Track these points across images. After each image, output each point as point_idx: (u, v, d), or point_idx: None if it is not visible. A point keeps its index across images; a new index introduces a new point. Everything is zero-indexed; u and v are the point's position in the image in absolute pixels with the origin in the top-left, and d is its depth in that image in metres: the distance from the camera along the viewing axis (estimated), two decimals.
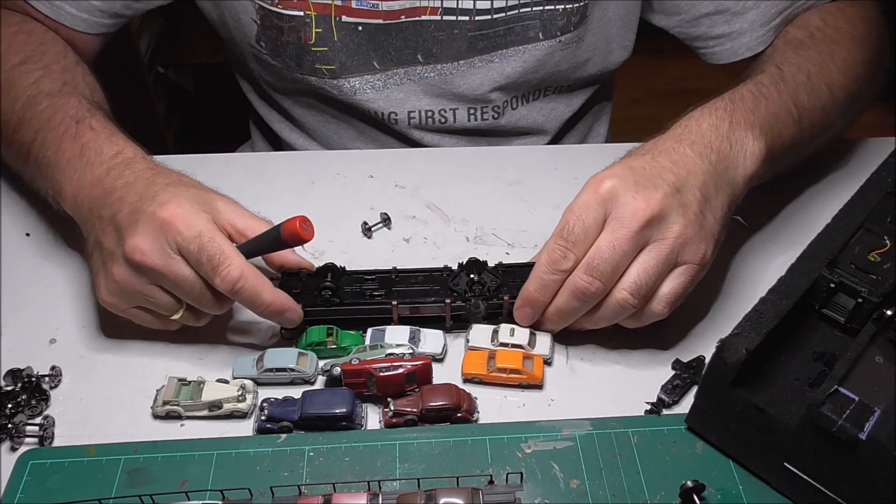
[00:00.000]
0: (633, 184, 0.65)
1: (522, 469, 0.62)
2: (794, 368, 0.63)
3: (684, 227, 0.64)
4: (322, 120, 1.01)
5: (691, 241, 0.65)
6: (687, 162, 0.67)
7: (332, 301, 0.71)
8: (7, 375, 0.68)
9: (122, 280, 0.66)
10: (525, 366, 0.68)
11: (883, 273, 0.63)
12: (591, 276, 0.64)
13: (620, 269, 0.64)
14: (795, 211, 0.85)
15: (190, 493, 0.60)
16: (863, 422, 0.53)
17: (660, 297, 0.66)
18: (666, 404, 0.67)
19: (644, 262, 0.64)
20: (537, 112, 1.01)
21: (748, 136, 0.70)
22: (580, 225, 0.64)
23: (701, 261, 0.66)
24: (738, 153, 0.70)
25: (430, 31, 0.90)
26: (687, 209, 0.65)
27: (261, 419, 0.65)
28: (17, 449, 0.64)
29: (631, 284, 0.64)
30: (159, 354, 0.72)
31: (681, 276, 0.66)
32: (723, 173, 0.68)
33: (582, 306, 0.66)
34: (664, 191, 0.65)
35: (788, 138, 0.75)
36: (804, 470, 0.58)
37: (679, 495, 0.59)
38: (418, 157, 0.94)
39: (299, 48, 0.91)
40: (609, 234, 0.64)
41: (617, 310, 0.66)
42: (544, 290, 0.67)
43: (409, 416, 0.65)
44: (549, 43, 0.92)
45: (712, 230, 0.67)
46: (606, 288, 0.65)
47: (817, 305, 0.66)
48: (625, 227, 0.63)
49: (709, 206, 0.67)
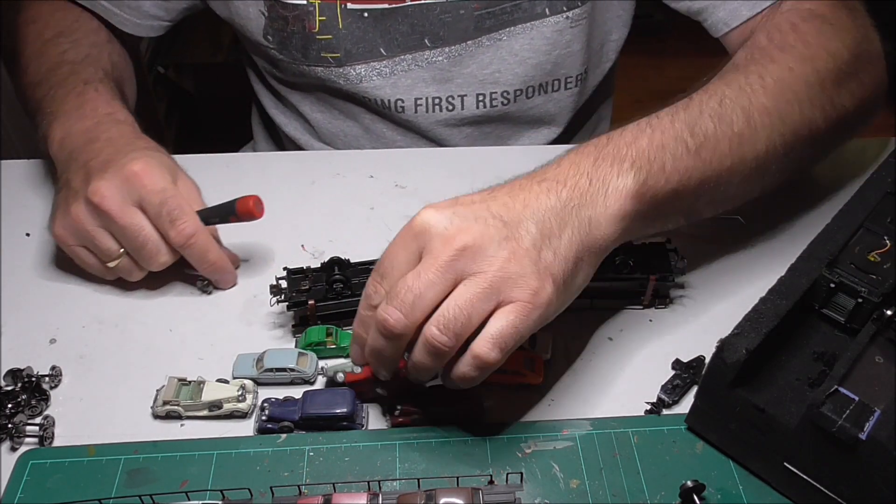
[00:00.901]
0: (451, 214, 0.59)
1: (522, 469, 0.62)
2: (794, 368, 0.63)
3: (507, 260, 0.57)
4: (329, 116, 1.01)
5: (518, 277, 0.57)
6: (527, 196, 0.61)
7: (344, 293, 0.71)
8: (7, 375, 0.68)
9: (77, 217, 0.72)
10: (525, 366, 0.68)
11: (883, 273, 0.63)
12: (390, 306, 0.57)
13: (426, 301, 0.57)
14: (795, 211, 0.85)
15: (190, 493, 0.60)
16: (863, 422, 0.53)
17: (484, 338, 0.57)
18: (666, 404, 0.67)
19: (456, 296, 0.57)
20: (553, 103, 1.00)
21: (613, 171, 0.63)
22: (390, 259, 0.60)
23: (532, 299, 0.57)
24: (597, 190, 0.62)
25: (435, 14, 0.90)
26: (514, 242, 0.58)
27: (261, 419, 0.65)
28: (17, 449, 0.64)
29: (440, 318, 0.56)
30: (159, 354, 0.72)
31: (508, 314, 0.57)
32: (574, 210, 0.61)
33: (389, 345, 0.59)
34: (486, 221, 0.58)
35: (679, 171, 0.66)
36: (804, 470, 0.58)
37: (679, 495, 0.59)
38: (418, 157, 0.94)
39: (304, 37, 0.92)
40: (420, 265, 0.58)
41: (429, 349, 0.57)
42: (363, 327, 0.62)
43: (415, 416, 0.65)
44: (555, 19, 0.92)
45: (550, 268, 0.58)
46: (408, 320, 0.57)
47: (817, 305, 0.66)
48: (433, 256, 0.57)
49: (547, 243, 0.59)
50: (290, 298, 0.71)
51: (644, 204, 0.64)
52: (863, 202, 0.70)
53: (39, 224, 0.84)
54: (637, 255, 0.72)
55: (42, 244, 0.82)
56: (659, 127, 0.67)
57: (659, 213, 0.67)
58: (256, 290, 0.77)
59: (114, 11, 0.93)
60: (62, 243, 0.75)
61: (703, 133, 0.68)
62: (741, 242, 0.82)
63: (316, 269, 0.73)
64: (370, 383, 0.66)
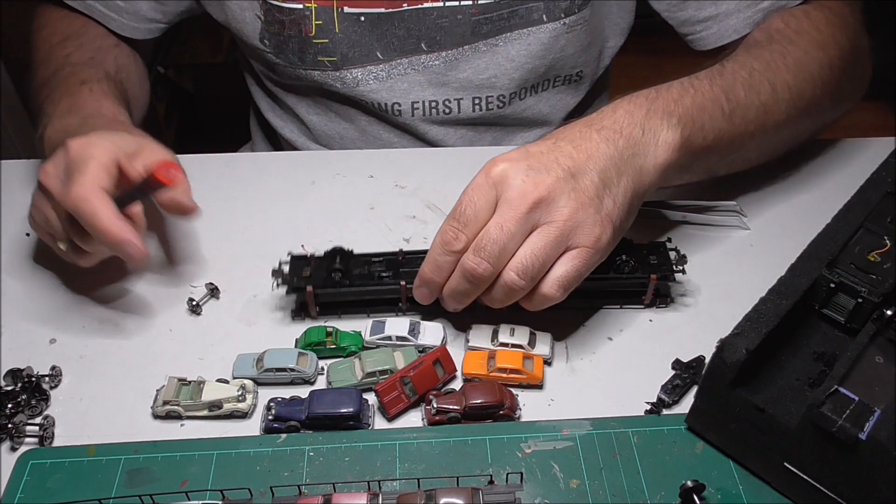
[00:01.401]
0: (526, 167, 0.65)
1: (522, 469, 0.62)
2: (794, 368, 0.63)
3: (575, 210, 0.64)
4: (325, 119, 1.01)
5: (584, 225, 0.64)
6: (589, 146, 0.67)
7: (343, 283, 0.72)
8: (7, 375, 0.68)
9: (36, 203, 0.72)
10: (525, 366, 0.68)
11: (883, 273, 0.63)
12: (478, 258, 0.64)
13: (508, 251, 0.64)
14: (795, 211, 0.85)
15: (190, 493, 0.60)
16: (863, 422, 0.53)
17: (551, 280, 0.65)
18: (666, 404, 0.67)
19: (532, 244, 0.64)
20: (544, 103, 1.01)
21: (663, 124, 0.69)
22: (471, 207, 0.65)
23: (595, 244, 0.65)
24: (649, 140, 0.69)
25: (432, 18, 0.90)
26: (581, 193, 0.65)
27: (268, 419, 0.65)
28: (17, 449, 0.64)
29: (518, 265, 0.64)
30: (159, 354, 0.72)
31: (573, 259, 0.65)
32: (630, 159, 0.68)
33: (473, 287, 0.66)
34: (556, 174, 0.64)
35: (715, 131, 0.74)
36: (804, 470, 0.58)
37: (679, 495, 0.59)
38: (418, 157, 0.94)
39: (301, 41, 0.92)
40: (498, 215, 0.64)
41: (507, 290, 0.65)
42: (438, 271, 0.67)
43: (452, 414, 0.65)
44: (553, 25, 0.92)
45: (611, 215, 0.66)
46: (494, 269, 0.64)
47: (817, 305, 0.66)
48: (512, 208, 0.64)
49: (608, 191, 0.66)
50: (289, 283, 0.72)
51: (683, 157, 0.71)
52: (863, 202, 0.70)
53: None
54: (638, 255, 0.72)
55: (42, 244, 0.82)
56: (700, 89, 0.74)
57: (691, 167, 0.75)
58: (256, 289, 0.77)
59: (111, 16, 0.93)
60: (37, 232, 0.75)
61: (736, 99, 0.75)
62: (741, 242, 0.82)
63: (319, 258, 0.74)
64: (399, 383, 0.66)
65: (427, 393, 0.67)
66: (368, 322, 0.72)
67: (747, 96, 0.76)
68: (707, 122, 0.73)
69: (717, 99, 0.74)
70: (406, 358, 0.68)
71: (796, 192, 0.87)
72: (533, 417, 0.66)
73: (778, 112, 0.79)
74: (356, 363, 0.68)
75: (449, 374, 0.68)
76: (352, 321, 0.74)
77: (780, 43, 0.82)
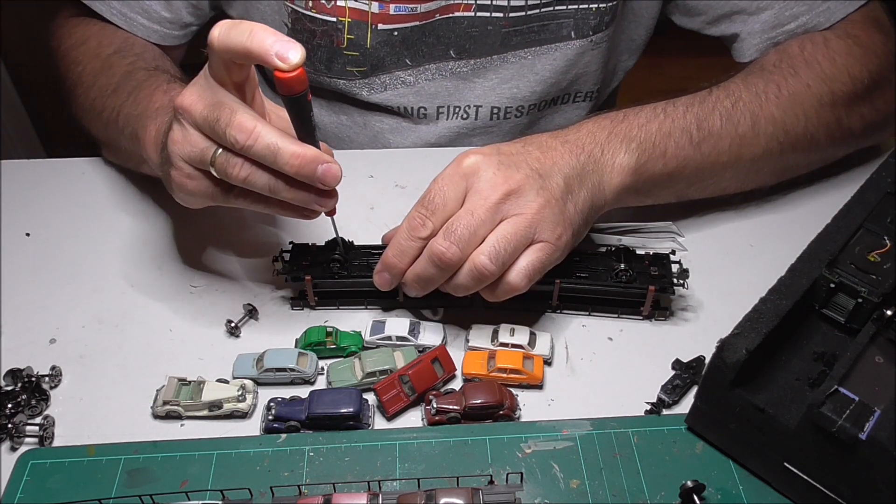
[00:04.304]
0: (497, 162, 0.67)
1: (522, 469, 0.62)
2: (794, 368, 0.63)
3: (542, 206, 0.66)
4: (336, 121, 1.01)
5: (548, 221, 0.66)
6: (555, 155, 0.70)
7: (341, 273, 0.72)
8: (7, 375, 0.68)
9: (174, 139, 0.63)
10: (525, 366, 0.68)
11: (883, 273, 0.63)
12: (448, 241, 0.65)
13: (478, 237, 0.66)
14: (795, 211, 0.85)
15: (190, 493, 0.60)
16: (863, 422, 0.53)
17: (517, 270, 0.67)
18: (666, 404, 0.67)
19: (503, 230, 0.66)
20: (560, 117, 1.02)
21: (621, 148, 0.72)
22: (440, 195, 0.66)
23: (557, 241, 0.67)
24: (607, 161, 0.71)
25: (462, 28, 0.91)
26: (548, 192, 0.67)
27: (268, 419, 0.65)
28: (17, 449, 0.64)
29: (490, 250, 0.65)
30: (159, 354, 0.72)
31: (538, 251, 0.67)
32: (590, 174, 0.71)
33: (439, 273, 0.67)
34: (525, 172, 0.67)
35: (679, 159, 0.75)
36: (804, 470, 0.58)
37: (679, 495, 0.59)
38: (418, 157, 0.94)
39: (331, 51, 0.92)
40: (468, 203, 0.66)
41: (475, 276, 0.66)
42: (402, 256, 0.68)
43: (452, 414, 0.65)
44: (580, 42, 0.93)
45: (571, 219, 0.68)
46: (462, 254, 0.65)
47: (817, 305, 0.66)
48: (483, 198, 0.66)
49: (570, 197, 0.69)
50: (289, 271, 0.73)
51: (639, 181, 0.73)
52: (863, 202, 0.70)
53: (39, 224, 0.84)
54: (638, 265, 0.72)
55: (42, 244, 0.82)
56: (671, 115, 0.76)
57: (650, 191, 0.76)
58: (256, 289, 0.77)
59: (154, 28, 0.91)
60: (187, 193, 0.66)
61: (708, 129, 0.76)
62: (741, 242, 0.82)
63: (320, 248, 0.75)
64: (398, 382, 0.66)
65: (426, 392, 0.67)
66: (368, 322, 0.72)
67: (723, 126, 0.77)
68: (671, 148, 0.74)
69: (687, 127, 0.75)
70: (406, 358, 0.69)
71: (796, 193, 0.87)
72: (533, 417, 0.66)
73: (756, 145, 0.78)
74: (356, 363, 0.69)
75: (448, 373, 0.68)
76: (351, 319, 0.74)
77: (783, 73, 0.81)
